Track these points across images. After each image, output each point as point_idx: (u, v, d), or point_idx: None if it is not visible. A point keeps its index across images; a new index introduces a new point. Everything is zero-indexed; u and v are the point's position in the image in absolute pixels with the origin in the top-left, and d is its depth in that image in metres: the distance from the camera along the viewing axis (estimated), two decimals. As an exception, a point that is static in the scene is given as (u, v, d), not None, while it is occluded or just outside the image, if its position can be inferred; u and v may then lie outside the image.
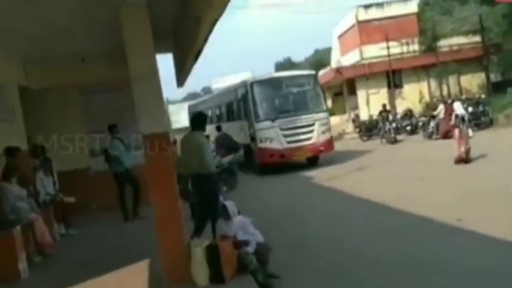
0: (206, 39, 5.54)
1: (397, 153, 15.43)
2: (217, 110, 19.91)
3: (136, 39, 4.93)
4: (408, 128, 21.06)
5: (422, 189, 9.01)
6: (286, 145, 14.22)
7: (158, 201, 4.91)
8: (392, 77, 26.02)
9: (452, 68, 24.98)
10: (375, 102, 25.33)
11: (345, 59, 29.32)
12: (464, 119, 11.17)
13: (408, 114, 22.71)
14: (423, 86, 26.81)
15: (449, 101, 16.40)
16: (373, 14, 27.42)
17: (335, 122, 25.28)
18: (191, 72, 9.02)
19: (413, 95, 26.43)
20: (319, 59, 47.41)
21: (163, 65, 31.70)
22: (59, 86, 9.98)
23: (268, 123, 14.25)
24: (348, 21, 28.90)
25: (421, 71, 26.51)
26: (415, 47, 27.14)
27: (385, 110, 21.09)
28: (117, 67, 9.68)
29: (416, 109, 24.50)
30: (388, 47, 25.46)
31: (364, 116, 25.21)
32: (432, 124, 17.61)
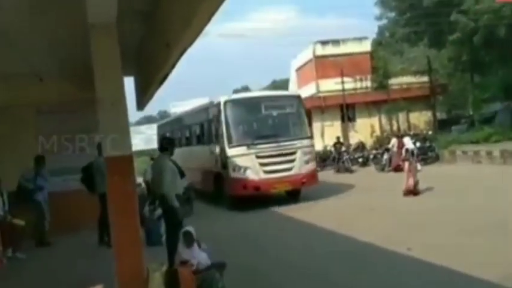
0: (174, 65, 5.64)
1: (353, 183, 15.76)
2: (187, 132, 17.57)
3: (105, 61, 4.89)
4: (360, 160, 21.78)
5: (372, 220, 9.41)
6: (263, 175, 12.24)
7: (119, 225, 4.84)
8: (346, 110, 27.00)
9: (402, 105, 26.29)
10: (329, 134, 26.08)
11: (302, 91, 30.11)
12: (414, 153, 11.76)
13: (360, 147, 23.60)
14: (374, 120, 27.93)
15: (399, 135, 17.15)
16: (330, 50, 28.55)
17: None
18: (154, 95, 9.03)
19: (365, 129, 27.45)
20: (277, 89, 48.36)
21: (120, 87, 31.13)
22: (12, 105, 9.69)
23: (242, 149, 12.29)
24: (306, 55, 29.92)
25: (372, 106, 27.65)
26: (368, 84, 28.37)
27: (339, 142, 21.84)
28: (76, 88, 9.64)
29: (368, 142, 25.47)
30: (342, 82, 26.47)
31: (318, 147, 25.85)
32: (386, 157, 18.22)
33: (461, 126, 24.88)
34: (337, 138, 22.47)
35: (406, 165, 11.66)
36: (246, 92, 33.51)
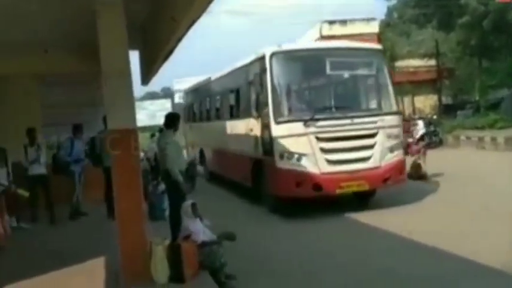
0: (180, 39, 5.57)
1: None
2: (218, 101, 12.68)
3: (111, 35, 4.88)
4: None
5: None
6: (326, 167, 8.23)
7: (122, 198, 4.87)
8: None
9: (407, 89, 26.09)
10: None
11: (307, 71, 29.94)
12: (424, 138, 12.05)
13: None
14: (380, 103, 27.73)
15: (416, 116, 17.06)
16: (337, 30, 28.13)
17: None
18: (159, 70, 8.96)
19: (370, 111, 27.28)
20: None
21: (124, 62, 30.97)
22: (16, 75, 9.63)
23: (296, 127, 8.27)
24: (313, 34, 29.57)
25: (378, 88, 27.41)
26: (374, 66, 28.07)
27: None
28: (82, 60, 9.56)
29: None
30: (348, 63, 26.19)
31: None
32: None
33: (466, 111, 24.71)
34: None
35: (422, 149, 11.95)
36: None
